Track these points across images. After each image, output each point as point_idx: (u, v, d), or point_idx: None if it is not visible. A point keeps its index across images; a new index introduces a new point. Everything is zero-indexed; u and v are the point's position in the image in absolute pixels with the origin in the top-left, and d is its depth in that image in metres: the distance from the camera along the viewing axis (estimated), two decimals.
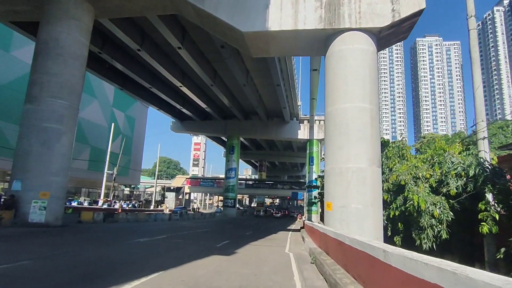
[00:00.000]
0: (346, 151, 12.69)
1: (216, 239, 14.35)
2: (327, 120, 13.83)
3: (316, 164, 46.74)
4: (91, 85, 52.74)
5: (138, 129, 65.35)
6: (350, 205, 12.22)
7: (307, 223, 17.79)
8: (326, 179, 13.51)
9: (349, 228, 12.00)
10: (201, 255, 9.00)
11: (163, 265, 7.14)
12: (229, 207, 47.72)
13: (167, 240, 12.66)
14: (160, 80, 36.82)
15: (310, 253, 9.72)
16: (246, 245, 12.24)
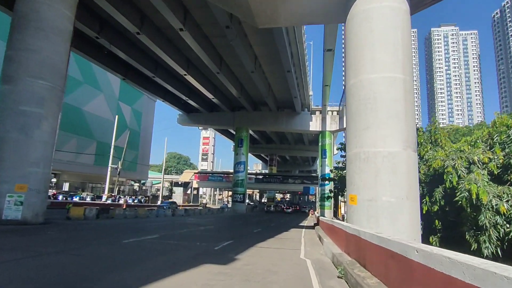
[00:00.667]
0: (373, 131, 10.24)
1: (218, 238, 12.12)
2: (349, 96, 11.38)
3: (329, 157, 44.15)
4: (95, 78, 51.19)
5: (145, 124, 63.73)
6: (380, 198, 9.80)
7: (323, 219, 15.41)
8: (348, 167, 11.09)
9: (379, 226, 9.61)
10: (189, 263, 6.75)
11: (126, 283, 4.92)
12: (238, 203, 45.56)
13: (157, 241, 10.47)
14: (164, 68, 34.71)
15: (334, 260, 7.38)
16: (252, 247, 9.96)
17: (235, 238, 12.64)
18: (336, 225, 10.04)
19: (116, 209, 20.06)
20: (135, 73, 35.27)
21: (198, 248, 9.37)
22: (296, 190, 67.48)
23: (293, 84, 35.51)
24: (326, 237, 11.42)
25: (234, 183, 46.21)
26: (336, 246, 8.92)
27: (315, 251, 9.64)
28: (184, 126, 50.74)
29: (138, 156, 60.85)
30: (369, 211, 9.91)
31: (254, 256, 8.30)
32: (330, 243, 9.61)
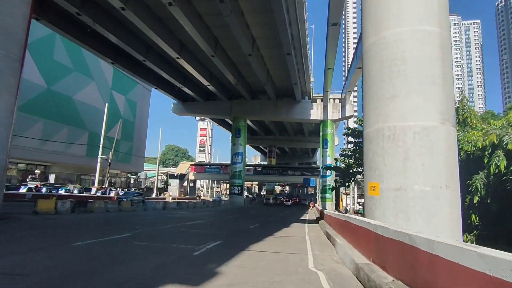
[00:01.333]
0: (402, 101, 7.87)
1: (204, 237, 9.80)
2: (367, 58, 8.95)
3: (330, 147, 41.81)
4: (87, 65, 48.53)
5: (140, 114, 61.20)
6: (410, 187, 7.47)
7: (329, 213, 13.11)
8: (367, 147, 8.72)
9: (410, 222, 7.33)
10: (140, 284, 4.40)
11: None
12: (235, 195, 43.32)
13: (123, 242, 8.15)
14: (155, 52, 32.17)
15: (360, 276, 5.02)
16: (244, 251, 7.62)
17: (225, 236, 10.33)
18: (354, 222, 7.68)
19: (96, 202, 17.75)
20: (125, 57, 32.73)
21: (172, 252, 7.04)
22: (296, 182, 65.29)
23: (293, 70, 33.02)
24: (338, 237, 9.07)
25: (231, 174, 43.94)
26: (357, 252, 6.58)
27: (327, 257, 7.29)
28: (179, 115, 48.33)
29: (132, 147, 58.44)
30: (397, 203, 7.57)
31: (245, 266, 5.96)
32: (347, 246, 7.25)
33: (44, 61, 41.12)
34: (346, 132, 18.78)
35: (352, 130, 18.40)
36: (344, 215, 9.85)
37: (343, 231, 9.03)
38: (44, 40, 40.87)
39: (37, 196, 24.81)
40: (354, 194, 43.04)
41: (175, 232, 10.82)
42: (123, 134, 55.99)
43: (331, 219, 12.58)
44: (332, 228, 11.40)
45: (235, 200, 43.15)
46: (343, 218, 9.10)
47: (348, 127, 18.77)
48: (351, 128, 18.53)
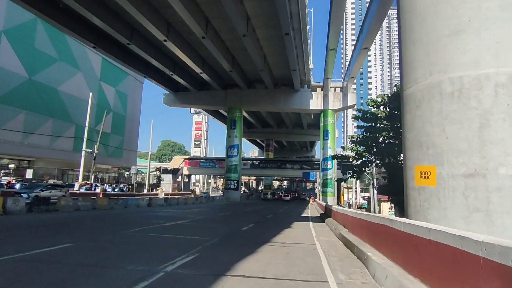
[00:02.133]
0: (472, 37, 5.01)
1: (175, 248, 6.96)
2: None
3: (331, 138, 38.99)
4: (72, 55, 45.25)
5: (131, 107, 57.99)
6: (494, 171, 4.62)
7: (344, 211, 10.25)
8: (410, 114, 5.82)
9: (494, 228, 4.52)
10: None
11: None
12: (231, 190, 40.47)
13: (36, 262, 5.25)
14: (141, 35, 29.09)
15: None
16: (225, 276, 4.75)
17: (206, 245, 7.45)
18: (396, 227, 4.78)
19: (62, 200, 14.82)
20: (107, 40, 29.64)
21: (102, 285, 4.15)
22: (295, 176, 62.52)
23: (292, 54, 30.05)
24: (368, 248, 6.14)
25: (226, 168, 41.07)
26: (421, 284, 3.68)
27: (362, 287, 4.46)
28: (171, 107, 45.30)
29: (124, 141, 55.36)
30: (469, 198, 4.72)
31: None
32: (395, 270, 4.33)
33: (24, 50, 37.88)
34: (355, 115, 15.89)
35: (363, 113, 15.53)
36: (371, 214, 6.95)
37: (375, 239, 6.14)
38: (23, 27, 37.68)
39: (7, 193, 21.90)
40: (357, 188, 40.31)
41: (139, 240, 7.94)
42: (114, 128, 52.91)
43: (345, 218, 9.72)
44: (350, 232, 8.53)
45: (231, 196, 40.33)
46: (374, 219, 6.20)
47: (359, 109, 15.90)
48: (363, 110, 15.65)
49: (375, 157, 16.08)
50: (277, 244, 7.95)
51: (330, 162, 38.35)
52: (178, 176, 52.12)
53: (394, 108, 14.81)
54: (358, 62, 27.13)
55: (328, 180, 38.06)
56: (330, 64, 28.74)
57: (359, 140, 15.51)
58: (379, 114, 15.07)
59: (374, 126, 15.65)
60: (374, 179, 26.27)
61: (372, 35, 22.51)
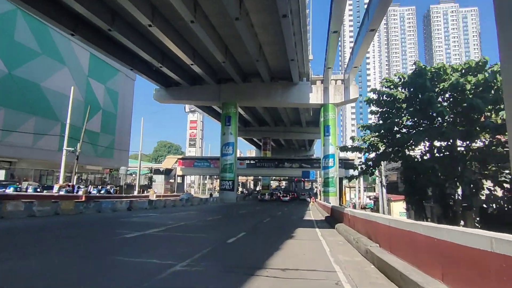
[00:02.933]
0: None
1: (124, 275, 3.93)
2: None
3: (332, 134, 36.05)
4: (57, 49, 42.15)
5: (123, 105, 54.86)
6: None
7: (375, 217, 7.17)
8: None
9: None
10: None
11: None
12: (226, 191, 37.43)
13: None
14: (123, 20, 26.07)
15: None
16: None
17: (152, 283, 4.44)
18: None
19: (6, 204, 11.74)
20: (87, 27, 26.57)
21: None
22: (293, 175, 59.50)
23: (290, 40, 27.14)
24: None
25: (221, 168, 38.03)
26: None
27: None
28: (163, 103, 42.24)
29: (114, 141, 52.23)
30: None
31: None
32: None
33: (2, 42, 34.78)
34: (369, 98, 12.91)
35: (379, 93, 12.57)
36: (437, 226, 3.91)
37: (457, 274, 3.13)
38: (1, 18, 34.62)
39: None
40: (360, 187, 37.37)
41: (60, 271, 4.92)
42: (104, 127, 49.84)
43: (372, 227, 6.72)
44: (386, 250, 5.53)
45: (226, 197, 37.30)
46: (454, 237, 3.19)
47: (373, 89, 12.92)
48: (378, 91, 12.67)
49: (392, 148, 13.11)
50: (276, 275, 4.95)
51: (332, 160, 35.46)
52: (171, 177, 49.02)
53: (418, 88, 11.86)
54: (363, 48, 24.18)
55: (330, 178, 35.11)
56: (331, 50, 25.77)
57: (374, 127, 12.52)
58: (398, 96, 12.12)
59: (390, 111, 12.73)
60: (382, 177, 23.36)
61: (381, 14, 19.62)
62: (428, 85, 11.19)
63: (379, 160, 13.09)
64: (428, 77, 11.64)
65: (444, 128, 10.32)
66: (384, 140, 12.66)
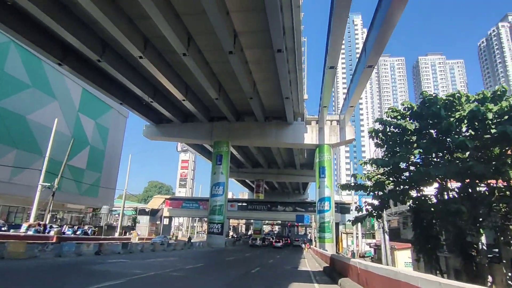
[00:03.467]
0: None
1: None
2: None
3: (328, 176, 34.19)
4: (48, 82, 41.16)
5: (112, 142, 53.00)
6: None
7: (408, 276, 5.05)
8: None
9: None
10: None
11: None
12: (214, 235, 34.43)
13: None
14: (114, 51, 25.20)
15: None
16: None
17: None
18: None
19: None
20: (76, 57, 25.59)
21: None
22: (287, 219, 56.47)
23: (285, 78, 26.31)
24: None
25: (210, 209, 35.41)
26: None
27: None
28: (152, 140, 40.52)
29: (100, 178, 49.57)
30: None
31: None
32: None
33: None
34: (373, 129, 11.31)
35: (385, 124, 10.99)
36: None
37: None
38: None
39: None
40: (358, 233, 34.76)
41: None
42: (90, 163, 47.50)
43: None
44: None
45: (214, 241, 34.26)
46: None
47: (379, 118, 11.33)
48: (385, 120, 11.11)
49: (401, 187, 11.26)
50: None
51: (328, 203, 33.23)
52: (158, 218, 45.81)
53: (430, 118, 10.31)
54: (360, 86, 23.20)
55: (326, 223, 32.59)
56: (327, 87, 24.78)
57: (381, 161, 10.74)
58: (407, 126, 10.53)
59: (399, 143, 11.09)
60: (384, 222, 21.15)
61: (379, 49, 18.78)
62: (442, 114, 9.63)
63: (387, 200, 11.16)
64: (440, 105, 10.13)
65: (471, 162, 8.54)
66: (391, 177, 10.83)
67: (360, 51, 21.57)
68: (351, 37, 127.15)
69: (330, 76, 22.56)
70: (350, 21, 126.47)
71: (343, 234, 41.00)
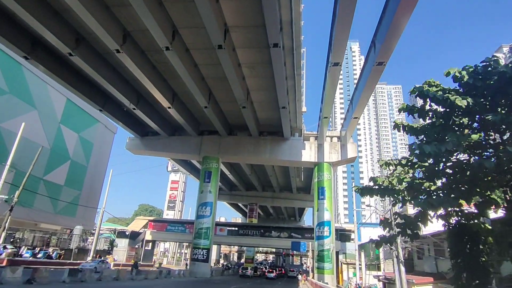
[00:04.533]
0: None
1: None
2: None
3: (328, 197, 30.28)
4: (28, 90, 37.87)
5: (97, 158, 49.09)
6: None
7: None
8: None
9: None
10: None
11: None
12: (199, 262, 29.81)
13: None
14: (89, 45, 22.05)
15: None
16: None
17: None
18: None
19: None
20: (45, 50, 22.37)
21: None
22: (281, 246, 51.48)
23: (282, 84, 23.17)
24: None
25: (195, 233, 31.04)
26: None
27: None
28: (136, 154, 36.71)
29: (80, 196, 45.14)
30: None
31: None
32: None
33: None
34: (405, 106, 7.79)
35: (426, 95, 7.47)
36: None
37: None
38: None
39: None
40: (361, 263, 30.32)
41: None
42: (69, 180, 43.31)
43: None
44: None
45: (198, 270, 29.64)
46: None
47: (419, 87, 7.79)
48: (425, 90, 7.58)
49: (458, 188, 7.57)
50: None
51: (327, 228, 29.11)
52: (138, 242, 40.97)
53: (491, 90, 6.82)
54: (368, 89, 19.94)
55: (325, 251, 28.27)
56: (329, 92, 21.47)
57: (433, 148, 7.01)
58: (457, 102, 7.01)
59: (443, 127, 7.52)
60: (399, 249, 17.14)
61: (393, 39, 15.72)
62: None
63: (435, 206, 7.33)
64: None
65: None
66: (436, 177, 7.16)
67: (369, 47, 18.51)
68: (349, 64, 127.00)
69: (333, 76, 19.36)
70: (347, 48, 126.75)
71: (343, 265, 36.42)
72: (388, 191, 7.76)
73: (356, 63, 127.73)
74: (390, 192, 7.75)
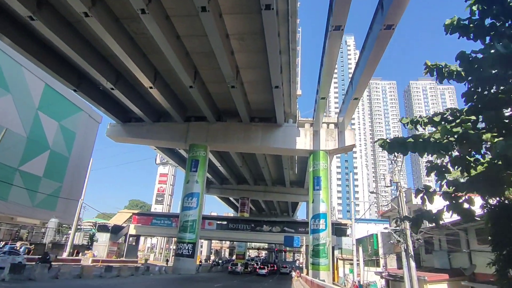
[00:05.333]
0: None
1: None
2: None
3: (324, 188, 27.72)
4: (1, 73, 34.66)
5: (80, 148, 45.82)
6: None
7: None
8: None
9: None
10: None
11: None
12: (184, 257, 27.05)
13: None
14: (51, 6, 19.02)
15: None
16: None
17: None
18: None
19: None
20: (7, 18, 19.30)
21: None
22: (274, 241, 48.88)
23: (275, 59, 20.50)
24: None
25: (180, 226, 28.26)
26: None
27: None
28: (117, 142, 33.69)
29: (61, 189, 41.94)
30: None
31: None
32: None
33: None
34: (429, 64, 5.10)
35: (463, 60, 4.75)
36: None
37: None
38: None
39: None
40: (359, 259, 27.82)
41: None
42: (49, 171, 40.08)
43: None
44: None
45: (182, 266, 26.89)
46: None
47: None
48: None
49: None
50: None
51: (323, 221, 26.56)
52: (121, 237, 37.98)
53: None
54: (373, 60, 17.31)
55: (321, 246, 25.70)
56: (329, 64, 18.75)
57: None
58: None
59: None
60: (409, 241, 14.64)
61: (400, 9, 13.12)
62: None
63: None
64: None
65: None
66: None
67: (375, 11, 15.85)
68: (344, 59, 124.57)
69: (334, 45, 16.68)
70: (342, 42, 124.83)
71: (339, 261, 33.98)
72: (429, 145, 5.16)
73: (351, 57, 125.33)
74: (432, 147, 5.15)
